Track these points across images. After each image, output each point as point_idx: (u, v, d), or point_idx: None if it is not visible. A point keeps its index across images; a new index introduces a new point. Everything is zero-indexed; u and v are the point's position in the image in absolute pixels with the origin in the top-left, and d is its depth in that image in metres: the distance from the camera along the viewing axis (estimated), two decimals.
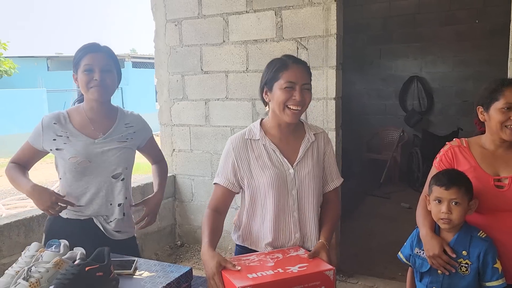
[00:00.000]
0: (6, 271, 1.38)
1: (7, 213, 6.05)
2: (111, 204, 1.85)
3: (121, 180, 1.86)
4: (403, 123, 6.81)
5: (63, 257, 1.37)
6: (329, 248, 1.63)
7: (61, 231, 1.74)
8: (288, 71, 1.62)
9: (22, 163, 1.89)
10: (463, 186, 1.61)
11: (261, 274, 1.41)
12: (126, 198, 1.89)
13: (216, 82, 3.79)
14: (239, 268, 1.44)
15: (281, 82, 1.61)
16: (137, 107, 2.24)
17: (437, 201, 1.65)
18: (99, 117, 1.85)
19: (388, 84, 7.03)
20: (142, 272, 1.50)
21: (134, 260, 1.55)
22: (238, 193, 1.76)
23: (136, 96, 17.19)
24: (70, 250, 1.47)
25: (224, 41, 3.69)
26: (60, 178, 1.86)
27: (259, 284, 1.36)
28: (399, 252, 1.89)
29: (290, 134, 1.73)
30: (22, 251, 1.47)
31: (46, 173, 10.00)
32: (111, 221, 1.86)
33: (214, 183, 1.75)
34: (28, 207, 6.41)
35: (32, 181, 1.79)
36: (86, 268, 1.25)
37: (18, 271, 1.34)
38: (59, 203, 1.71)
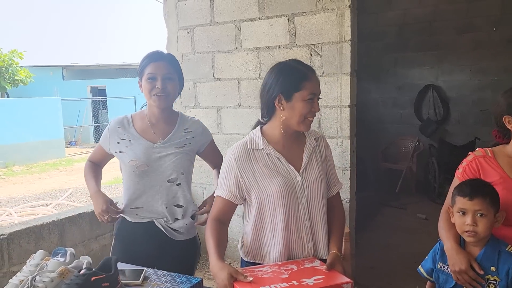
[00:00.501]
0: (10, 280, 1.34)
1: (19, 220, 6.06)
2: (166, 207, 1.90)
3: (177, 185, 1.90)
4: (418, 133, 6.70)
5: (68, 266, 1.32)
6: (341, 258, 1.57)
7: (128, 234, 1.91)
8: (311, 82, 1.59)
9: (96, 162, 2.06)
10: (488, 197, 1.52)
11: (274, 286, 1.34)
12: (184, 202, 1.93)
13: (228, 89, 3.75)
14: (251, 279, 1.37)
15: (304, 93, 1.56)
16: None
17: (461, 212, 1.57)
18: (159, 122, 1.93)
19: (404, 93, 6.93)
20: (151, 282, 1.44)
21: (143, 270, 1.50)
22: (240, 204, 1.69)
23: None
24: (80, 257, 1.43)
25: (236, 48, 3.65)
26: (123, 181, 1.96)
27: None
28: (420, 266, 1.80)
29: (293, 141, 1.67)
30: (28, 259, 1.43)
31: (60, 180, 10.08)
32: (171, 223, 1.91)
33: (216, 195, 1.68)
34: (40, 215, 6.44)
35: (97, 186, 1.94)
36: (92, 278, 1.20)
37: (22, 280, 1.30)
38: (110, 213, 1.82)
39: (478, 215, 1.52)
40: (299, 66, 1.63)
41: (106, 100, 18.13)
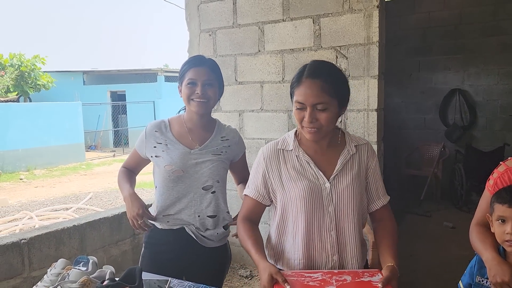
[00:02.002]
0: None
1: (40, 224, 6.09)
2: (199, 216, 1.86)
3: (211, 193, 1.86)
4: (444, 138, 6.50)
5: (91, 276, 1.25)
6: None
7: (158, 242, 1.87)
8: (299, 90, 1.44)
9: (131, 168, 2.02)
10: None
11: None
12: (217, 211, 1.88)
13: (250, 93, 3.67)
14: (288, 287, 1.29)
15: (294, 99, 1.46)
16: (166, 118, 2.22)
17: (500, 220, 1.46)
18: (197, 128, 1.90)
19: (428, 98, 6.75)
20: None
21: (168, 280, 1.42)
22: (268, 205, 1.62)
23: (169, 109, 17.38)
24: (99, 268, 1.36)
25: (259, 50, 3.58)
26: (156, 187, 1.91)
27: None
28: (460, 282, 1.68)
29: (327, 145, 1.56)
30: (49, 268, 1.36)
31: (80, 184, 10.15)
32: (202, 231, 1.86)
33: (244, 194, 1.64)
34: (61, 218, 6.46)
35: (131, 189, 1.87)
36: None
37: None
38: (145, 218, 1.77)
39: None
40: (301, 68, 1.50)
41: (126, 105, 18.28)
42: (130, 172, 2.01)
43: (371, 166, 1.59)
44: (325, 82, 1.42)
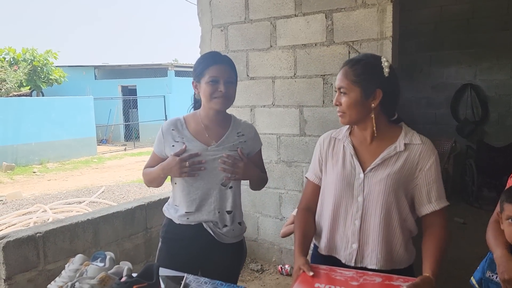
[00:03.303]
0: (48, 286, 1.30)
1: (53, 217, 6.17)
2: (219, 212, 1.87)
3: (229, 188, 1.88)
4: (455, 133, 6.45)
5: (109, 272, 1.27)
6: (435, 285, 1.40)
7: (176, 237, 1.90)
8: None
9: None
10: None
11: (329, 287, 1.31)
12: (233, 207, 1.91)
13: (262, 88, 3.68)
14: (311, 273, 1.42)
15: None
16: (180, 115, 2.21)
17: (510, 220, 1.46)
18: (213, 124, 1.90)
19: (439, 92, 6.70)
20: None
21: (183, 277, 1.44)
22: None
23: (180, 104, 17.46)
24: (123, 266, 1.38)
25: (271, 46, 3.57)
26: (175, 183, 1.92)
27: None
28: (472, 277, 1.69)
29: (375, 138, 1.58)
30: (67, 263, 1.39)
31: (92, 178, 10.26)
32: (220, 228, 1.88)
33: (305, 177, 1.77)
34: (74, 212, 6.54)
35: (168, 156, 1.86)
36: (134, 287, 1.15)
37: (61, 286, 1.26)
38: (186, 162, 1.78)
39: None
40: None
41: (137, 99, 18.38)
42: None
43: (423, 167, 1.53)
44: (350, 68, 1.54)
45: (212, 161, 1.83)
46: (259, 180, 2.02)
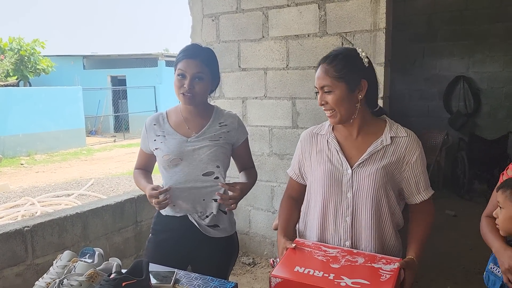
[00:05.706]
0: (36, 282, 1.26)
1: (42, 210, 6.09)
2: (204, 200, 1.85)
3: (214, 178, 1.84)
4: (447, 126, 6.47)
5: (97, 268, 1.23)
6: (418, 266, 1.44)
7: (162, 227, 1.90)
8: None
9: (143, 167, 2.03)
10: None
11: (308, 271, 1.30)
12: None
13: (254, 79, 3.63)
14: (293, 245, 1.46)
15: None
16: (171, 105, 2.18)
17: (499, 208, 1.49)
18: (193, 116, 1.88)
19: (432, 85, 6.70)
20: (183, 286, 1.35)
21: (174, 272, 1.40)
22: (305, 185, 1.71)
23: (170, 94, 17.31)
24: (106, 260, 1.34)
25: (263, 36, 3.52)
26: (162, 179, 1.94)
27: (291, 281, 1.27)
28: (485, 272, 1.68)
29: (360, 133, 1.56)
30: (55, 258, 1.34)
31: (81, 170, 10.15)
32: (207, 216, 1.85)
33: (287, 172, 1.79)
34: (63, 205, 6.46)
35: (147, 183, 1.88)
36: (123, 284, 1.11)
37: (49, 283, 1.21)
38: (159, 195, 1.75)
39: None
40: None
41: (126, 90, 18.20)
42: (143, 171, 2.02)
43: (410, 160, 1.53)
44: (329, 65, 1.50)
45: (191, 152, 1.81)
46: (252, 185, 1.99)
